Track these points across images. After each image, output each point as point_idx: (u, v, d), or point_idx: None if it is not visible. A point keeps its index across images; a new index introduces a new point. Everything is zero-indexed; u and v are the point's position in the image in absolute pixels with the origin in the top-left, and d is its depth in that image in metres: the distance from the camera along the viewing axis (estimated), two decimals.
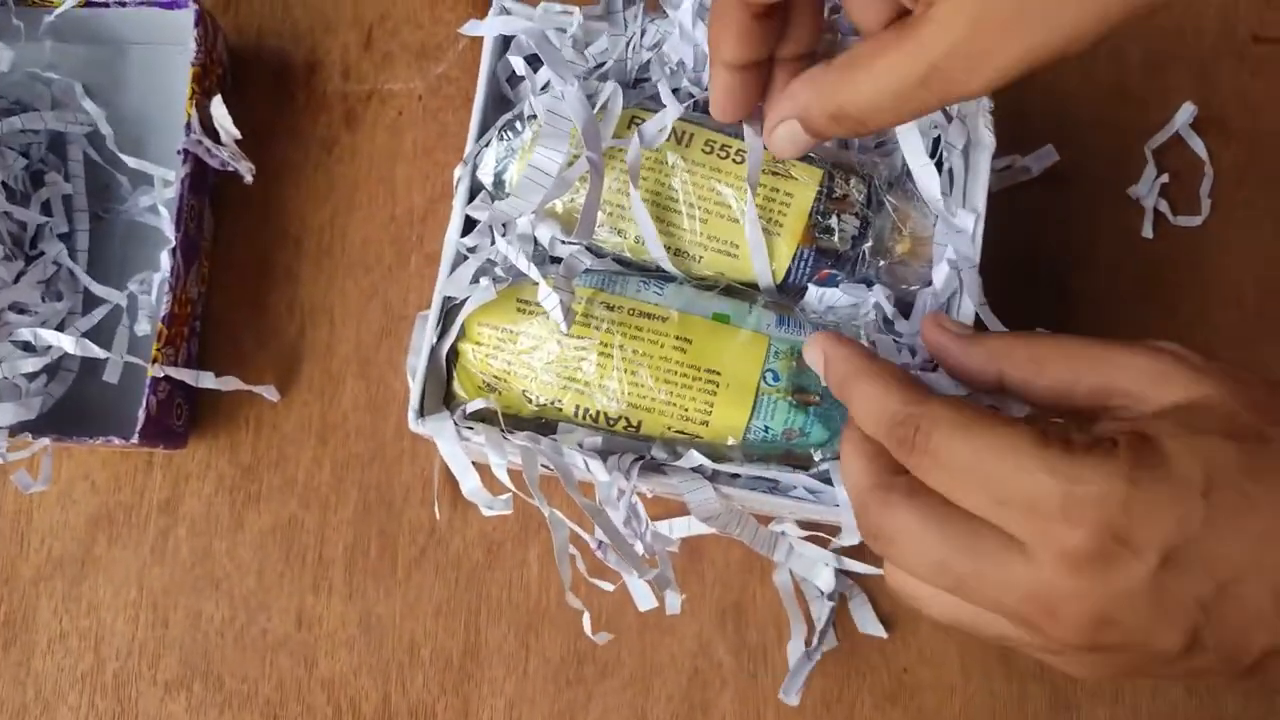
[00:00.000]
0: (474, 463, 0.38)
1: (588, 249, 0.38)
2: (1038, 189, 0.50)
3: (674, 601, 0.39)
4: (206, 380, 0.45)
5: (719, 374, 0.37)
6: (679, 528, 0.45)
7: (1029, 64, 0.26)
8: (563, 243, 0.38)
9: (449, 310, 0.38)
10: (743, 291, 0.39)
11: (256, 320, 0.49)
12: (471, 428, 0.37)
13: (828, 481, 0.36)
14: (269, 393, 0.47)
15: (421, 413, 0.37)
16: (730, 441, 0.37)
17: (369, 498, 0.47)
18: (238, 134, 0.45)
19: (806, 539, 0.42)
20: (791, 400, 0.36)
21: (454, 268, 0.38)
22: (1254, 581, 0.24)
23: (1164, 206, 0.50)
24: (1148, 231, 0.49)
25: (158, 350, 0.43)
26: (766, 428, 0.36)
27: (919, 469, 0.27)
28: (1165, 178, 0.50)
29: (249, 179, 0.47)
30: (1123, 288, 0.49)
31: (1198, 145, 0.50)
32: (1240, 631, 0.24)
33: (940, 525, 0.26)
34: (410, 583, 0.46)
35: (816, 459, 0.37)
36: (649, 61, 0.41)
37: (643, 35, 0.41)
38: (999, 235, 0.39)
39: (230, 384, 0.46)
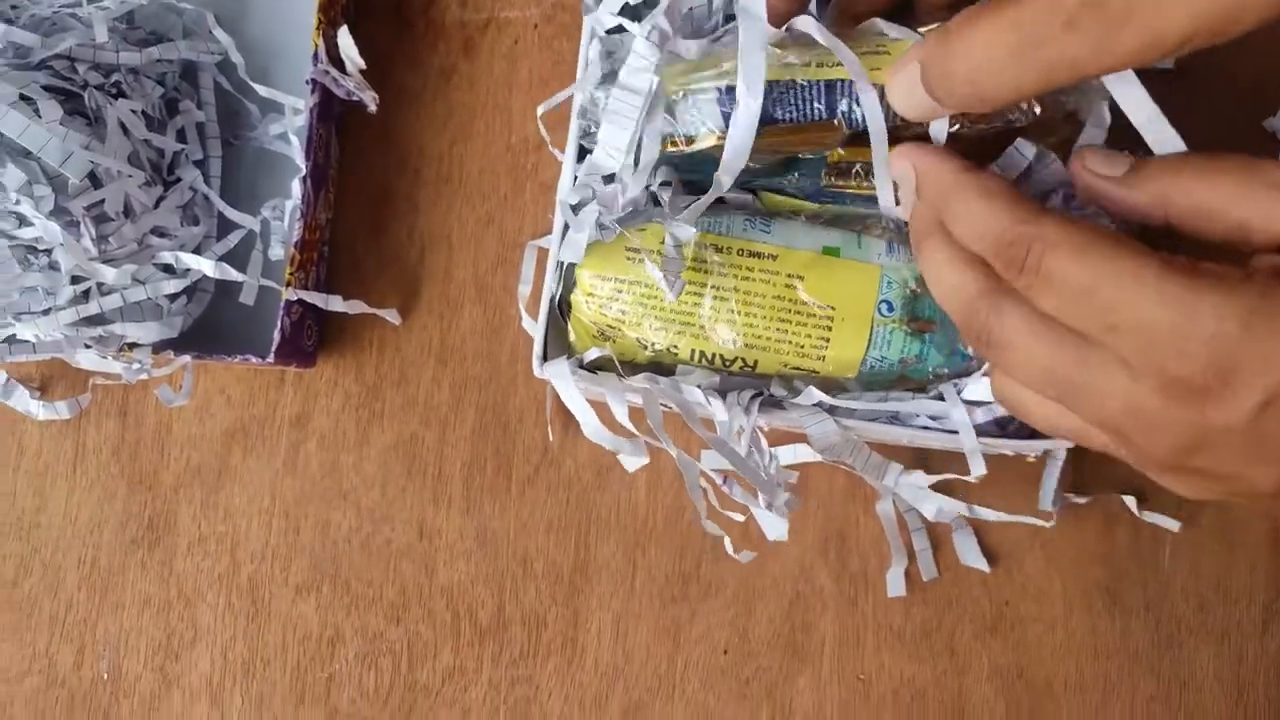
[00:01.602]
0: (592, 403, 0.39)
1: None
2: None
3: (782, 528, 0.40)
4: (335, 303, 0.47)
5: (833, 309, 0.37)
6: (785, 455, 0.46)
7: (1193, 32, 0.23)
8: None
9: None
10: (849, 219, 0.39)
11: (379, 246, 0.51)
12: (592, 373, 0.38)
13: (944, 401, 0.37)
14: (392, 316, 0.49)
15: (545, 357, 0.38)
16: (848, 374, 0.37)
17: (485, 418, 0.49)
18: (362, 63, 0.46)
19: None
20: (907, 329, 0.37)
21: (565, 224, 0.39)
22: None
23: None
24: None
25: (290, 274, 0.45)
26: (883, 358, 0.37)
27: (1029, 289, 0.26)
28: None
29: (373, 108, 0.48)
30: None
31: None
32: None
33: (1051, 335, 0.26)
34: (524, 499, 0.49)
35: (932, 380, 0.37)
36: None
37: None
38: None
39: (356, 307, 0.48)
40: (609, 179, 0.38)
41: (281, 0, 0.51)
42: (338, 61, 0.47)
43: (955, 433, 0.36)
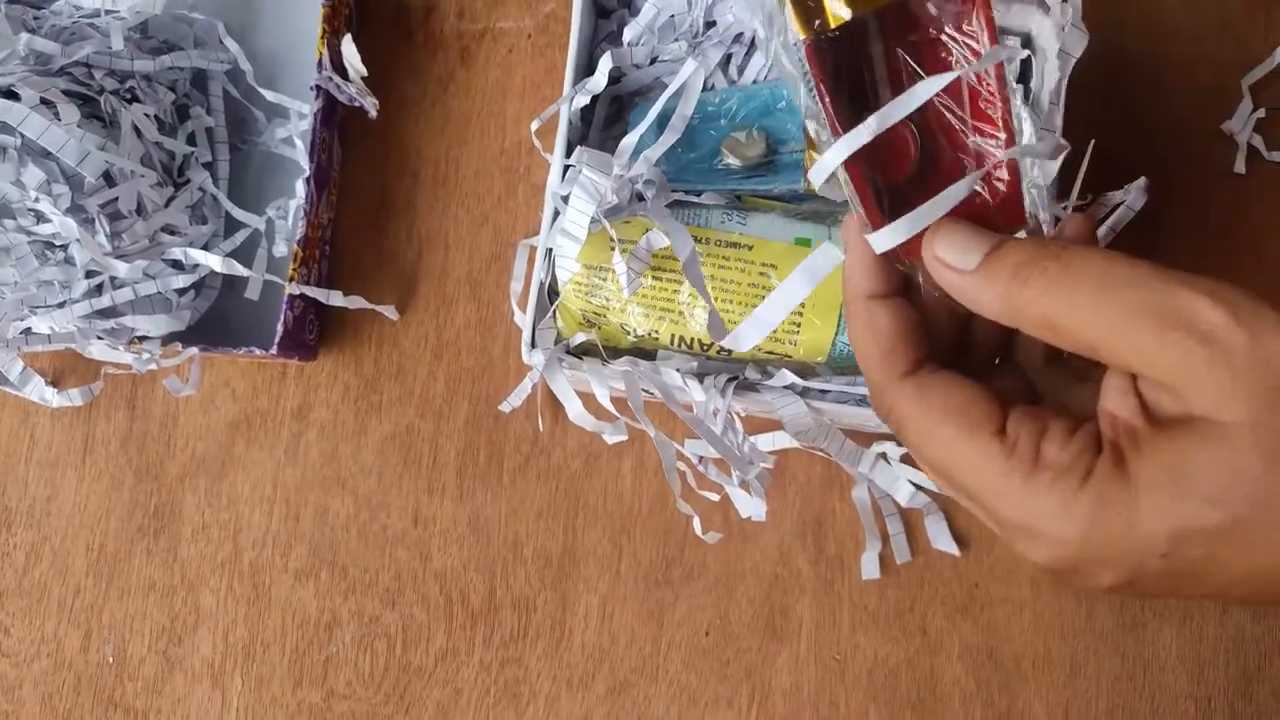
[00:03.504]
0: (577, 391, 0.41)
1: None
2: (1129, 124, 0.50)
3: (760, 508, 0.42)
4: (336, 298, 0.49)
5: None
6: (764, 443, 0.48)
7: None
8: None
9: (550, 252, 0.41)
10: (821, 214, 0.41)
11: (378, 245, 0.53)
12: (579, 358, 0.40)
13: None
14: (390, 312, 0.51)
15: (534, 344, 0.41)
16: (818, 359, 0.40)
17: (478, 409, 0.51)
18: (364, 71, 0.48)
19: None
20: None
21: (555, 213, 0.41)
22: (1219, 592, 0.24)
23: (1258, 142, 0.50)
24: (1240, 167, 0.50)
25: (294, 270, 0.48)
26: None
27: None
28: (1261, 112, 0.50)
29: (374, 114, 0.50)
30: (1211, 222, 0.50)
31: None
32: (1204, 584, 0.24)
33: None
34: (515, 487, 0.51)
35: None
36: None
37: None
38: (1089, 170, 0.40)
39: (356, 302, 0.50)
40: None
41: (288, 11, 0.54)
42: (341, 69, 0.50)
43: None
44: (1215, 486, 0.22)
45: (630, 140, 0.39)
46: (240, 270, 0.47)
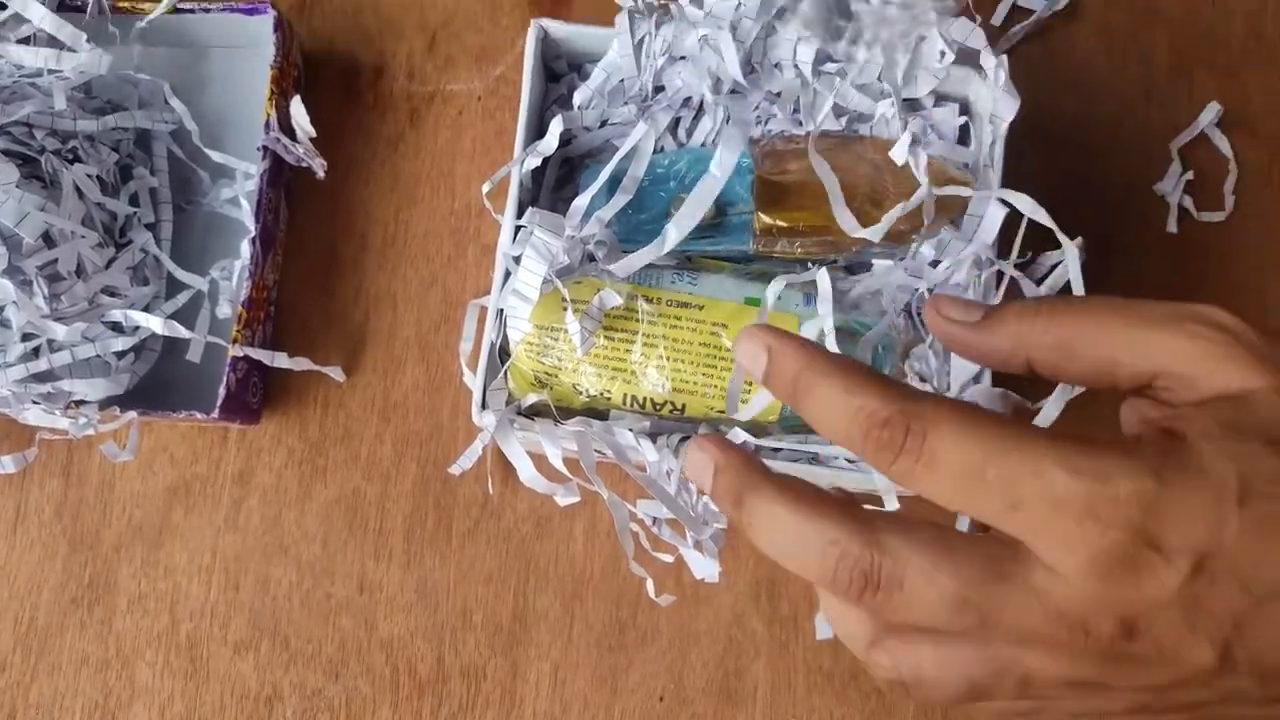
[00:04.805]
0: (529, 452, 0.41)
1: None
2: (1064, 183, 0.52)
3: (713, 569, 0.42)
4: (281, 360, 0.48)
5: None
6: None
7: None
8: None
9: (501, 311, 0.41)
10: (769, 275, 0.42)
11: (325, 306, 0.52)
12: (530, 419, 0.40)
13: None
14: (336, 373, 0.51)
15: (484, 405, 0.40)
16: (770, 418, 0.40)
17: (427, 472, 0.50)
18: (313, 132, 0.48)
19: None
20: None
21: (505, 276, 0.41)
22: None
23: (1189, 203, 0.51)
24: (1172, 226, 0.51)
25: (237, 331, 0.47)
26: None
27: (909, 475, 0.23)
28: (1190, 174, 0.52)
29: (321, 174, 0.50)
30: (1146, 281, 0.51)
31: (1223, 143, 0.52)
32: (1275, 650, 0.22)
33: (950, 552, 0.23)
34: (464, 552, 0.50)
35: None
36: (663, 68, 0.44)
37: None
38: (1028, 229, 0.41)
39: (301, 364, 0.49)
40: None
41: (235, 72, 0.54)
42: (289, 130, 0.49)
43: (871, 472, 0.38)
44: (1268, 432, 0.22)
45: (582, 201, 0.39)
46: (182, 332, 0.46)
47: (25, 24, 0.47)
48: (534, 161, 0.42)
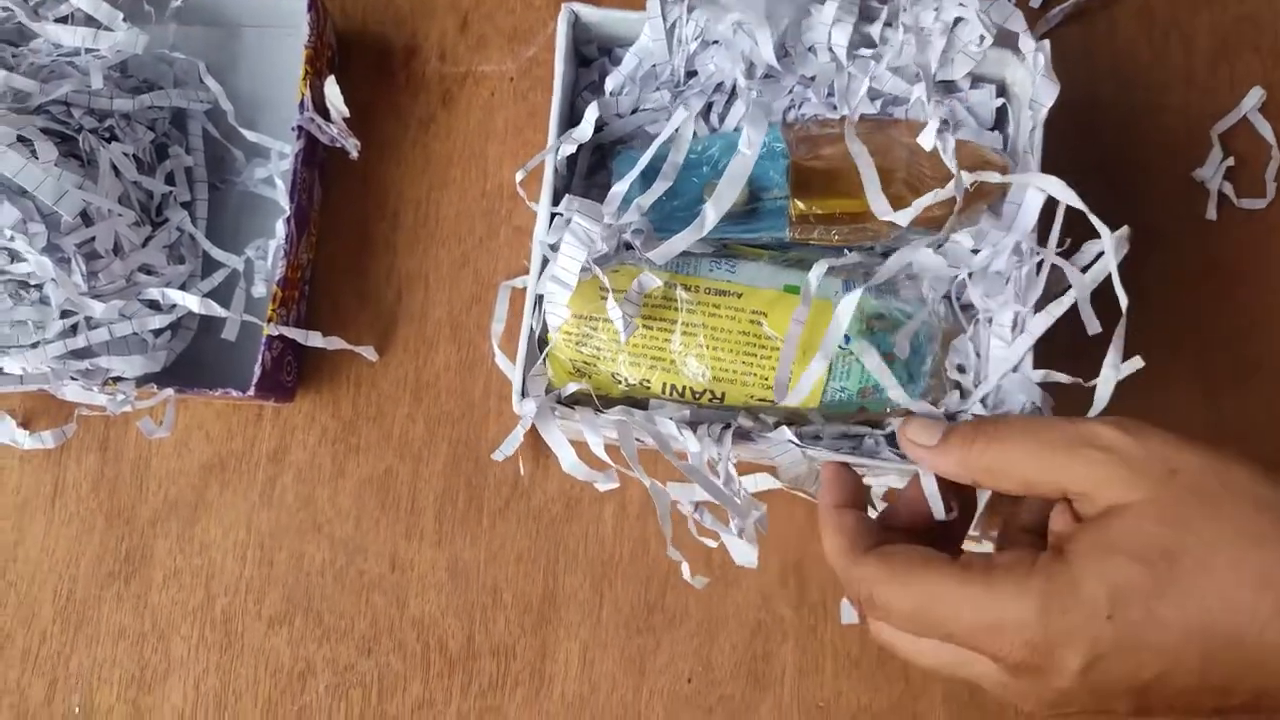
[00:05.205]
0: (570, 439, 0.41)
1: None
2: (1101, 168, 0.51)
3: (753, 555, 0.42)
4: (315, 339, 0.49)
5: None
6: (747, 485, 0.48)
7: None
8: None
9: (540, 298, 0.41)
10: (808, 262, 0.41)
11: (358, 285, 0.53)
12: (571, 407, 0.40)
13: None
14: (369, 353, 0.51)
15: (524, 393, 0.40)
16: (811, 406, 0.39)
17: (458, 452, 0.51)
18: (346, 112, 0.48)
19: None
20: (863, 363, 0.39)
21: (543, 264, 0.41)
22: (1179, 673, 0.27)
23: (1229, 190, 0.51)
24: (1211, 213, 0.51)
25: (273, 310, 0.47)
26: (843, 388, 0.39)
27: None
28: (1231, 161, 0.51)
29: (355, 155, 0.50)
30: (1186, 267, 0.50)
31: (1265, 129, 0.51)
32: (1181, 699, 0.28)
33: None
34: (494, 532, 0.50)
35: (889, 414, 0.40)
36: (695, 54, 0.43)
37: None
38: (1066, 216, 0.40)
39: (335, 343, 0.50)
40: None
41: (269, 52, 0.54)
42: (322, 110, 0.50)
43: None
44: (1133, 547, 0.27)
45: (620, 188, 0.39)
46: (218, 311, 0.47)
47: (63, 3, 0.47)
48: (569, 149, 0.42)
